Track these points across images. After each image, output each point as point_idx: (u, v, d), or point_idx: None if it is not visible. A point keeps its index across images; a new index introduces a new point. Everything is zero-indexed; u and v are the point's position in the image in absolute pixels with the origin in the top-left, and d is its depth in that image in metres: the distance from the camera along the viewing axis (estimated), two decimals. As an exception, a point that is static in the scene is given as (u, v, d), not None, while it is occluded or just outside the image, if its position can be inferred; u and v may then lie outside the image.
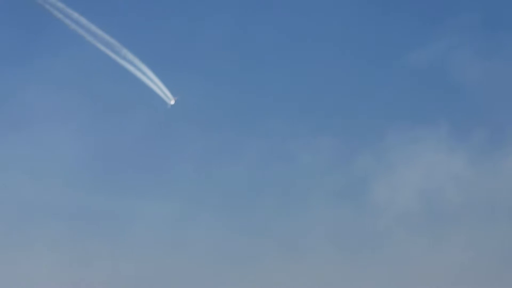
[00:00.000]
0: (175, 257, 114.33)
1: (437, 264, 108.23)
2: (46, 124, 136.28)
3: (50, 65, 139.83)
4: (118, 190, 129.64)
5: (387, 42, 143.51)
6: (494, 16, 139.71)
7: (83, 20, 71.48)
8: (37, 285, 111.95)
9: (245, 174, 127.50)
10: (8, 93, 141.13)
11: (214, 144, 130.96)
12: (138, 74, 72.88)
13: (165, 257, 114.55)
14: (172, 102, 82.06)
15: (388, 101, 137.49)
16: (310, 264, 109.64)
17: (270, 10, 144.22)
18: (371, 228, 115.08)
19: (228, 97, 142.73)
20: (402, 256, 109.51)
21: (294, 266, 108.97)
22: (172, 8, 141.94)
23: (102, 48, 72.46)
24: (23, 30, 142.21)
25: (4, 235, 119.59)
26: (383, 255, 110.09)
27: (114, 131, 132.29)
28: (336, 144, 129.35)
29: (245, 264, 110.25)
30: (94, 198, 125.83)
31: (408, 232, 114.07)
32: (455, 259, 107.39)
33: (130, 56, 72.32)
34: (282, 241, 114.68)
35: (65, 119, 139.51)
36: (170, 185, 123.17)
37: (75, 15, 71.25)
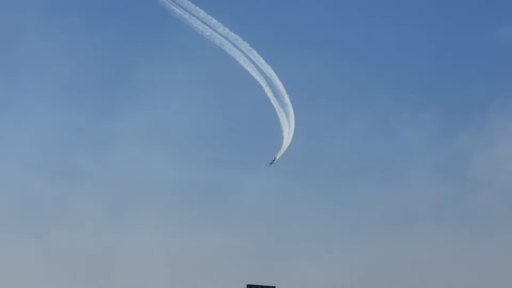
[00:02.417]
0: (279, 230, 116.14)
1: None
2: (162, 101, 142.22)
3: (177, 59, 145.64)
4: (225, 165, 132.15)
5: (486, 18, 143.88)
6: None
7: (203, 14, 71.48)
8: (150, 251, 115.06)
9: (347, 148, 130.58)
10: (146, 78, 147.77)
11: (319, 117, 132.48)
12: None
13: (271, 229, 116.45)
14: (276, 157, 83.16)
15: (491, 77, 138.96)
16: (412, 238, 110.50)
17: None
18: (473, 204, 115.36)
19: (333, 71, 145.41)
20: (504, 232, 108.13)
21: (397, 240, 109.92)
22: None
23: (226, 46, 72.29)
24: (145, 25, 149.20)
25: (120, 207, 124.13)
26: (485, 230, 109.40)
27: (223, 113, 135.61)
28: (438, 120, 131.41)
29: (346, 239, 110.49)
30: (201, 172, 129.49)
31: (510, 208, 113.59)
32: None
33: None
34: (385, 215, 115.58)
35: (176, 98, 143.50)
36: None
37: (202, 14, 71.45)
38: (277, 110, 71.46)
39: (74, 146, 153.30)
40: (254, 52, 70.92)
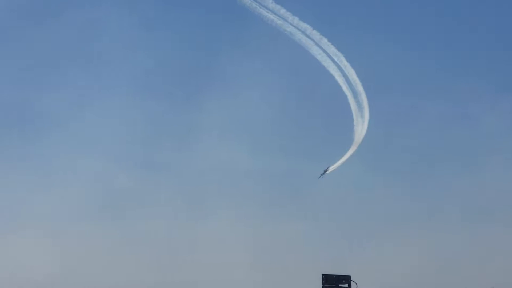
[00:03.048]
0: (355, 219, 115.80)
1: None
2: (241, 91, 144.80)
3: (252, 48, 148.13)
4: (302, 155, 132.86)
5: None
6: None
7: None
8: (229, 240, 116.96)
9: (425, 135, 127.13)
10: (225, 69, 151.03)
11: (394, 106, 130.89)
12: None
13: (346, 219, 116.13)
14: (329, 169, 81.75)
15: None
16: (492, 229, 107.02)
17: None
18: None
19: (408, 58, 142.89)
20: None
21: (476, 231, 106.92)
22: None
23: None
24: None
25: (200, 197, 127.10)
26: None
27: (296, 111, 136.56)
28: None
29: (423, 230, 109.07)
30: (279, 162, 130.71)
31: None
32: None
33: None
34: (463, 205, 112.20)
35: (253, 88, 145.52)
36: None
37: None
38: (349, 99, 70.47)
39: (154, 137, 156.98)
40: (325, 40, 70.21)
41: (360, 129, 72.55)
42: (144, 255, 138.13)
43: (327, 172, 79.83)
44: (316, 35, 72.11)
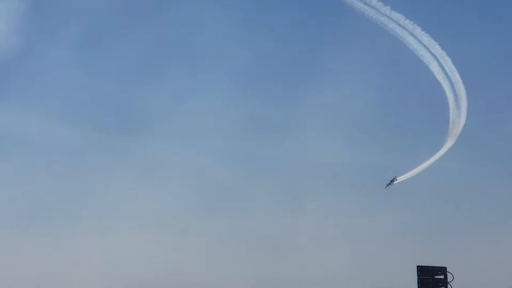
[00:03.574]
0: (451, 210, 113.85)
1: None
2: (338, 85, 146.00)
3: (348, 42, 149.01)
4: (398, 148, 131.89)
5: None
6: None
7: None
8: (326, 232, 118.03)
9: None
10: (323, 64, 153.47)
11: (493, 94, 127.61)
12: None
13: (443, 210, 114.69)
14: (397, 178, 79.23)
15: None
16: None
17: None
18: None
19: (507, 44, 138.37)
20: None
21: None
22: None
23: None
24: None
25: (299, 191, 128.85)
26: None
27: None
28: None
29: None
30: (376, 155, 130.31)
31: None
32: None
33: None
34: None
35: (350, 82, 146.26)
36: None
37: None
38: (446, 88, 68.83)
39: (254, 132, 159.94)
40: (419, 29, 68.91)
41: (458, 119, 70.73)
42: (244, 251, 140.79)
43: (394, 182, 77.84)
44: (409, 24, 71.02)
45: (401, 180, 78.37)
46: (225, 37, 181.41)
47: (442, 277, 31.80)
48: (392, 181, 78.48)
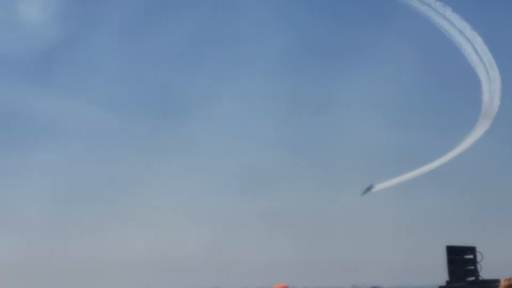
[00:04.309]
0: (483, 191, 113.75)
1: None
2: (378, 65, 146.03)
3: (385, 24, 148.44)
4: (435, 129, 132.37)
5: None
6: None
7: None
8: (365, 212, 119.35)
9: None
10: (364, 44, 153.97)
11: None
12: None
13: (474, 190, 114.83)
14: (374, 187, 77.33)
15: None
16: None
17: None
18: None
19: None
20: None
21: None
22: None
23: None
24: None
25: (335, 171, 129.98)
26: None
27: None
28: None
29: None
30: (413, 136, 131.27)
31: None
32: None
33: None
34: None
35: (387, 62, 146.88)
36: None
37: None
38: (478, 69, 67.79)
39: (294, 114, 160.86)
40: (449, 10, 67.92)
41: (491, 101, 69.68)
42: (287, 233, 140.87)
43: (371, 190, 75.44)
44: (439, 5, 70.23)
45: (379, 189, 75.80)
46: (264, 20, 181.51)
47: (471, 256, 31.87)
48: (369, 188, 75.80)
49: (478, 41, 67.02)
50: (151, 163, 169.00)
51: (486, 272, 31.17)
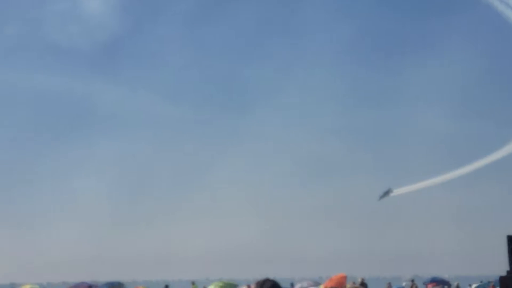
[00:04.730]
0: None
1: None
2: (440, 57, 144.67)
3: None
4: (495, 117, 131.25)
5: None
6: None
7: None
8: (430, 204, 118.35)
9: None
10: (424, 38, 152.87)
11: None
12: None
13: None
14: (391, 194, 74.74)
15: None
16: None
17: None
18: None
19: None
20: None
21: None
22: None
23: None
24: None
25: (397, 160, 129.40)
26: None
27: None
28: None
29: None
30: (476, 124, 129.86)
31: None
32: None
33: None
34: None
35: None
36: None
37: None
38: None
39: (355, 103, 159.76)
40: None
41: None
42: (349, 224, 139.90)
43: (389, 195, 72.64)
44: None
45: (397, 193, 73.38)
46: (328, 11, 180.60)
47: (533, 247, 31.51)
48: (386, 193, 73.33)
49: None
50: (214, 153, 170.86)
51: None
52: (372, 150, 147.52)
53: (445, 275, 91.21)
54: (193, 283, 40.32)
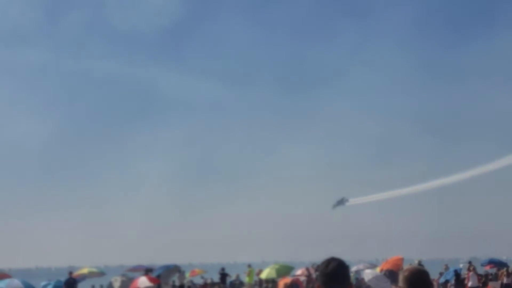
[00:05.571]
0: None
1: None
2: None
3: None
4: None
5: None
6: None
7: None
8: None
9: None
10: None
11: None
12: None
13: None
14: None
15: None
16: None
17: None
18: None
19: None
20: None
21: None
22: None
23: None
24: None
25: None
26: None
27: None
28: None
29: None
30: None
31: None
32: None
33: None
34: None
35: None
36: None
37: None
38: None
39: (423, 86, 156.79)
40: None
41: None
42: (409, 204, 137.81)
43: (345, 204, 69.93)
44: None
45: (352, 203, 71.03)
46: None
47: None
48: (340, 201, 70.90)
49: None
50: (279, 137, 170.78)
51: None
52: (442, 129, 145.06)
53: (503, 256, 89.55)
54: (249, 265, 40.77)
